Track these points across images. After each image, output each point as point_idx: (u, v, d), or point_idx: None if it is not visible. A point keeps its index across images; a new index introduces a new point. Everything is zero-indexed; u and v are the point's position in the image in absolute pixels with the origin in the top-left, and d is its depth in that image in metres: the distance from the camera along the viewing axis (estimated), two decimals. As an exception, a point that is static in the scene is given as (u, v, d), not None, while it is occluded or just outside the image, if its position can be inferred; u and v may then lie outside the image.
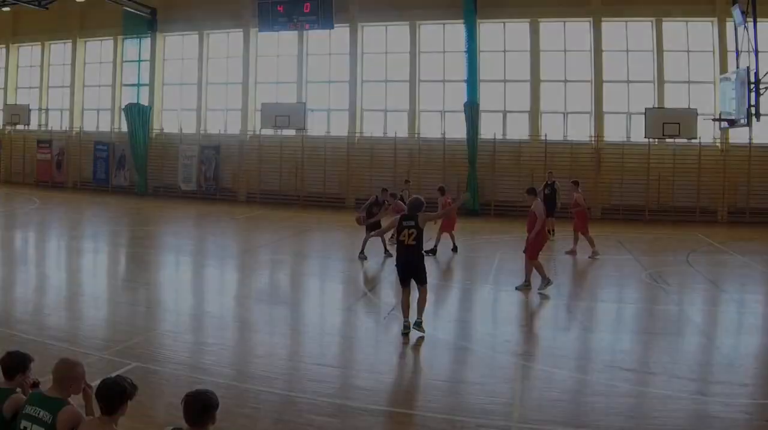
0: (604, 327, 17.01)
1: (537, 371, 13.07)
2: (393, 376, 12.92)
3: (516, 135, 42.13)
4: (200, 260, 25.68)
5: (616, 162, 39.78)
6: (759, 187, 38.58)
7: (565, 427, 10.36)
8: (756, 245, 30.73)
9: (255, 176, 46.14)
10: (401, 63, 44.13)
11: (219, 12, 46.52)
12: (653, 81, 40.62)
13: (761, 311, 18.85)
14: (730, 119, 31.63)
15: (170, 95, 50.12)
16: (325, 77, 46.01)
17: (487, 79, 42.52)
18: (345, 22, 44.13)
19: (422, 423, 10.35)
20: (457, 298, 20.44)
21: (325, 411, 10.71)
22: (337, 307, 18.10)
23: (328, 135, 45.33)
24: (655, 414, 10.86)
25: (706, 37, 40.38)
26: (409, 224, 15.13)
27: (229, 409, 10.02)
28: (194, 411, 6.42)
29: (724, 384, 12.19)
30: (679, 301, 19.54)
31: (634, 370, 13.05)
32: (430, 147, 42.72)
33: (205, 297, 19.67)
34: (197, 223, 36.83)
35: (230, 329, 15.83)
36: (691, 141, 38.74)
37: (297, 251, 27.97)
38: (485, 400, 11.33)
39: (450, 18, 42.54)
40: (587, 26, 41.40)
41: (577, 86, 41.78)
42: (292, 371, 12.78)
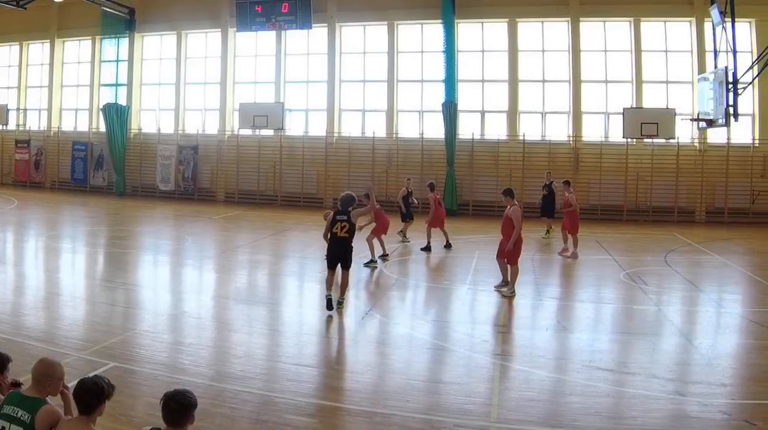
0: (582, 327, 16.98)
1: (515, 371, 13.06)
2: (371, 376, 12.86)
3: (494, 135, 42.25)
4: (178, 260, 25.65)
5: (594, 162, 39.93)
6: (737, 187, 38.84)
7: (543, 427, 10.37)
8: (734, 245, 30.95)
9: (233, 176, 46.18)
10: (379, 63, 44.25)
11: (197, 12, 46.53)
12: (631, 81, 40.80)
13: (739, 310, 18.82)
14: (708, 119, 31.72)
15: (148, 95, 50.01)
16: (303, 77, 46.03)
17: (465, 79, 42.63)
18: (323, 22, 44.21)
19: (400, 423, 10.33)
20: (435, 298, 20.41)
21: (303, 411, 10.73)
22: (315, 307, 18.00)
23: (306, 135, 45.39)
24: (633, 414, 10.89)
25: (684, 37, 40.59)
26: (341, 218, 16.95)
27: (207, 409, 10.07)
28: (173, 411, 6.43)
29: (702, 384, 12.23)
30: (658, 301, 19.53)
31: (612, 370, 13.05)
32: (408, 147, 42.86)
33: (183, 297, 19.56)
34: (175, 223, 36.74)
35: (208, 329, 15.80)
36: (669, 141, 38.95)
37: (275, 251, 27.99)
38: (463, 400, 11.34)
39: (428, 18, 42.60)
40: (565, 26, 41.59)
41: (556, 86, 41.99)
42: (271, 371, 12.75)
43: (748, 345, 15.26)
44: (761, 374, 13.01)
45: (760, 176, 38.97)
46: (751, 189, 38.83)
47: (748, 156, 39.10)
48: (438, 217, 27.93)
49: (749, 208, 38.92)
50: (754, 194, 38.75)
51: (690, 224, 37.64)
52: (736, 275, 24.39)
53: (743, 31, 37.29)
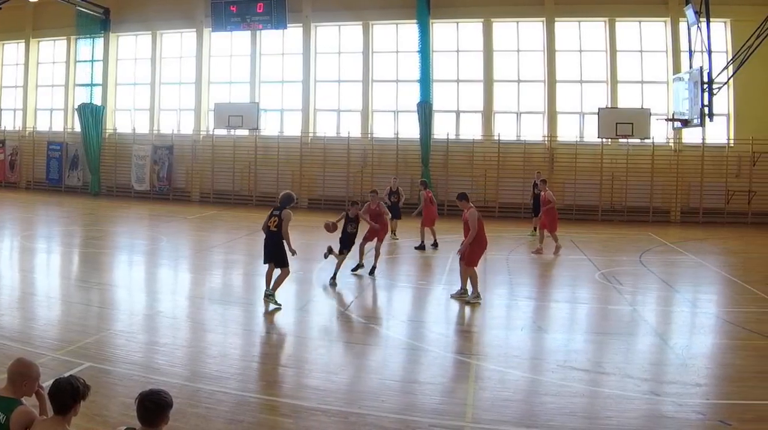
0: (557, 327, 16.99)
1: (490, 371, 13.04)
2: (346, 376, 12.87)
3: (469, 135, 42.36)
4: (153, 260, 25.58)
5: (569, 162, 40.09)
6: (712, 187, 39.11)
7: (518, 427, 10.37)
8: (708, 245, 31.12)
9: (208, 176, 46.19)
10: (354, 63, 44.28)
11: (172, 12, 46.41)
12: (606, 81, 40.98)
13: (714, 310, 18.88)
14: (683, 119, 31.83)
15: (123, 95, 49.88)
16: (278, 77, 46.02)
17: (440, 79, 42.73)
18: (298, 22, 44.16)
19: (375, 423, 10.32)
20: (410, 298, 20.48)
21: (278, 411, 10.76)
22: (290, 307, 17.99)
23: (281, 135, 45.32)
24: (608, 414, 10.92)
25: (659, 38, 40.84)
26: (276, 213, 17.86)
27: (182, 409, 10.05)
28: (147, 411, 6.38)
29: (677, 384, 12.25)
30: (632, 301, 19.61)
31: (587, 370, 13.08)
32: (383, 147, 42.92)
33: (158, 297, 19.49)
34: (150, 223, 36.65)
35: (183, 329, 15.79)
36: (644, 141, 39.14)
37: (250, 251, 27.77)
38: (438, 400, 11.36)
39: (403, 18, 42.68)
40: (540, 26, 41.66)
41: (531, 86, 42.12)
42: (246, 371, 12.74)
43: (723, 345, 15.32)
44: (736, 374, 13.05)
45: (734, 176, 39.12)
46: (726, 189, 38.99)
47: (723, 156, 39.32)
48: (429, 215, 28.02)
49: (724, 208, 39.08)
50: (729, 194, 38.88)
51: (665, 224, 37.83)
52: (710, 275, 24.49)
53: (718, 31, 37.43)
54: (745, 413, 10.94)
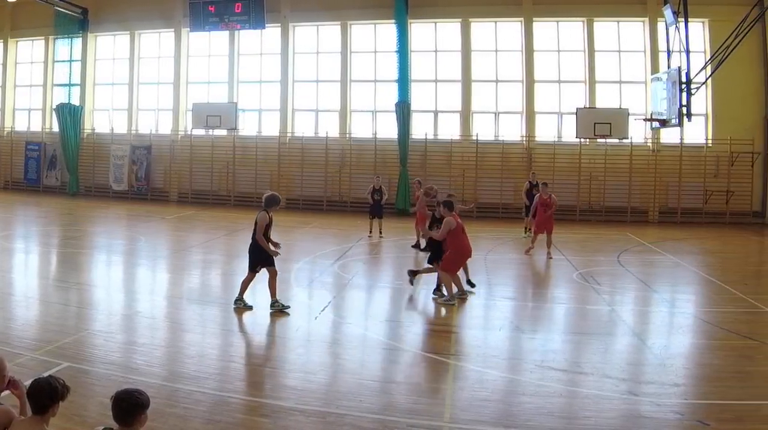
0: (535, 327, 16.99)
1: (468, 371, 13.04)
2: (324, 376, 12.85)
3: (447, 135, 42.39)
4: (132, 260, 25.47)
5: (547, 162, 40.03)
6: (690, 187, 39.29)
7: (496, 427, 10.37)
8: (686, 245, 31.23)
9: (186, 176, 46.12)
10: (332, 63, 44.29)
11: (150, 12, 46.35)
12: (584, 81, 41.12)
13: (692, 310, 18.93)
14: (661, 119, 31.87)
15: (102, 95, 49.79)
16: (256, 77, 45.99)
17: (418, 79, 42.74)
18: (276, 22, 44.15)
19: (353, 423, 10.32)
20: (388, 298, 20.46)
21: (256, 411, 10.72)
22: (268, 307, 17.81)
23: (260, 135, 45.32)
24: (586, 414, 10.93)
25: (637, 37, 40.97)
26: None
27: (160, 409, 10.06)
28: (122, 410, 6.37)
29: (655, 384, 12.25)
30: (611, 301, 19.59)
31: (566, 370, 13.09)
32: (362, 147, 42.94)
33: (137, 297, 19.39)
34: (128, 223, 36.54)
35: (162, 329, 15.73)
36: (622, 141, 39.26)
37: (228, 251, 27.94)
38: (416, 400, 11.36)
39: (381, 18, 42.69)
40: (518, 26, 41.76)
41: (509, 86, 42.19)
42: (224, 371, 12.72)
43: (701, 345, 15.35)
44: (714, 374, 13.08)
45: (713, 176, 39.33)
46: (704, 189, 39.21)
47: (701, 156, 39.50)
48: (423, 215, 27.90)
49: (702, 208, 39.27)
50: (707, 194, 39.08)
51: (643, 224, 37.99)
52: (688, 274, 24.58)
53: (696, 31, 37.74)
54: (723, 413, 10.95)
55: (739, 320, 17.37)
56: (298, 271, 21.66)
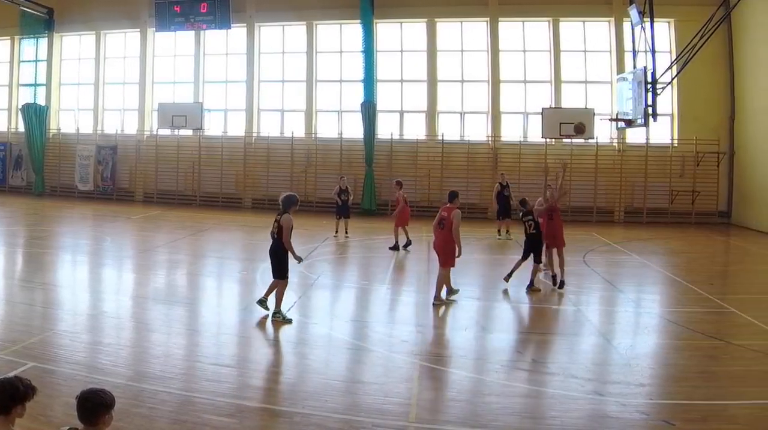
0: (501, 327, 17.15)
1: (434, 370, 13.10)
2: (290, 376, 12.92)
3: (413, 135, 42.40)
4: (97, 260, 25.42)
5: (513, 162, 40.13)
6: (655, 188, 39.49)
7: (462, 427, 10.42)
8: (652, 245, 31.35)
9: (152, 176, 45.97)
10: (298, 63, 44.28)
11: (116, 12, 46.22)
12: (550, 81, 41.20)
13: (657, 310, 19.04)
14: (627, 119, 31.93)
15: (67, 95, 49.61)
16: (222, 77, 45.95)
17: (384, 79, 42.77)
18: (242, 22, 44.15)
19: (319, 423, 10.34)
20: (353, 298, 20.47)
21: (222, 411, 10.70)
22: (233, 307, 18.10)
23: (225, 135, 45.28)
24: (552, 414, 11.01)
25: (602, 38, 41.11)
26: (277, 218, 16.81)
27: (126, 409, 10.07)
28: (87, 410, 6.35)
29: (621, 384, 12.33)
30: (576, 301, 19.69)
31: (531, 370, 13.20)
32: (327, 147, 42.95)
33: (102, 297, 19.36)
34: (94, 223, 36.48)
35: (127, 329, 15.68)
36: (588, 141, 39.25)
37: (194, 251, 27.93)
38: (382, 400, 11.40)
39: (347, 18, 42.67)
40: (484, 26, 41.85)
41: (474, 86, 42.27)
42: (190, 371, 12.72)
43: (667, 345, 15.47)
44: (679, 373, 13.17)
45: (678, 176, 39.54)
46: (670, 189, 39.41)
47: (667, 156, 39.68)
48: (403, 216, 27.91)
49: (668, 209, 39.49)
50: (673, 194, 39.28)
51: (609, 224, 38.13)
52: (654, 274, 24.74)
53: (662, 31, 37.92)
54: (688, 412, 11.04)
55: (704, 320, 17.50)
56: (264, 271, 21.54)
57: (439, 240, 18.89)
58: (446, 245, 18.65)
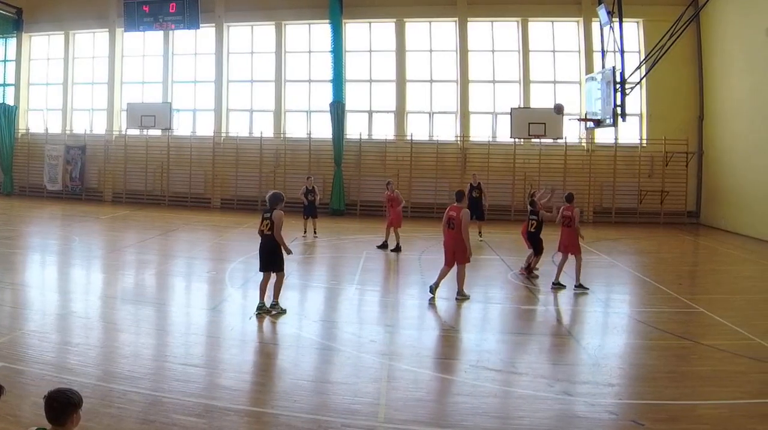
0: (470, 327, 17.10)
1: (403, 371, 13.06)
2: (259, 376, 12.92)
3: (382, 135, 42.53)
4: (66, 260, 25.30)
5: (481, 162, 40.33)
6: (624, 187, 39.83)
7: (431, 427, 10.42)
8: (621, 245, 31.40)
9: (121, 176, 45.96)
10: (267, 63, 44.35)
11: (85, 12, 46.12)
12: (519, 81, 41.36)
13: (626, 310, 19.09)
14: (595, 119, 31.91)
15: (36, 95, 49.52)
16: (190, 77, 45.96)
17: (352, 79, 42.85)
18: (210, 22, 44.19)
19: (288, 423, 10.33)
20: (322, 298, 20.39)
21: (191, 411, 10.65)
22: (202, 307, 18.07)
23: (194, 135, 45.34)
24: (521, 414, 10.99)
25: (571, 38, 41.39)
26: (266, 215, 17.11)
27: (94, 409, 10.04)
28: (55, 409, 6.34)
29: (589, 384, 12.35)
30: (545, 301, 19.76)
31: (500, 370, 13.15)
32: (296, 147, 43.05)
33: (71, 297, 19.21)
34: (63, 223, 36.25)
35: (96, 329, 15.59)
36: (556, 141, 39.59)
37: (163, 251, 27.85)
38: (351, 400, 11.37)
39: (316, 18, 42.80)
40: (453, 26, 41.98)
41: (443, 86, 42.39)
42: (158, 371, 12.64)
43: (636, 345, 15.51)
44: (648, 373, 13.19)
45: (647, 176, 39.84)
46: (639, 189, 39.70)
47: (636, 156, 39.99)
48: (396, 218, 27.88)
49: (637, 209, 39.78)
50: (642, 194, 39.54)
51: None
52: (623, 274, 24.80)
53: (631, 31, 38.20)
54: (657, 412, 11.05)
55: (673, 320, 17.56)
56: (233, 271, 21.56)
57: (450, 239, 19.15)
58: (457, 244, 18.96)
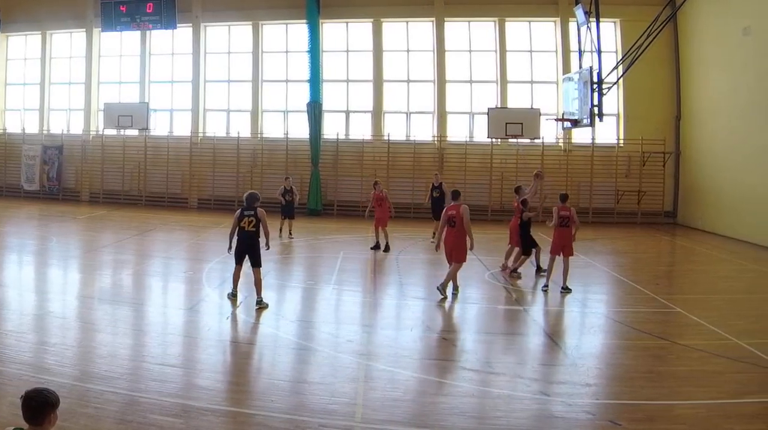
0: (447, 327, 17.20)
1: (380, 371, 13.09)
2: (236, 376, 12.92)
3: (359, 135, 42.61)
4: (43, 260, 25.20)
5: (458, 162, 40.46)
6: (601, 187, 39.91)
7: (408, 427, 10.44)
8: (598, 245, 31.35)
9: (98, 176, 45.81)
10: (244, 63, 44.33)
11: (62, 12, 45.95)
12: (496, 81, 41.45)
13: (603, 310, 19.18)
14: (573, 119, 31.94)
15: (13, 95, 49.35)
16: (167, 77, 45.88)
17: (330, 79, 42.83)
18: (188, 22, 44.06)
19: (265, 423, 10.34)
20: (299, 298, 20.43)
21: (168, 411, 10.64)
22: (179, 307, 18.09)
23: (171, 135, 45.22)
24: (498, 414, 11.00)
25: (548, 38, 41.47)
26: (248, 213, 17.91)
27: (71, 409, 10.04)
28: (32, 409, 6.32)
29: (567, 384, 12.39)
30: (522, 301, 19.87)
31: (477, 370, 13.19)
32: (273, 147, 42.97)
33: (48, 297, 19.12)
34: (40, 223, 36.14)
35: (73, 329, 15.57)
36: (534, 141, 39.61)
37: (140, 251, 27.81)
38: (328, 400, 11.37)
39: (293, 18, 42.72)
40: (430, 26, 42.01)
41: (420, 86, 42.45)
42: (135, 371, 12.62)
43: (613, 345, 15.56)
44: (625, 373, 13.24)
45: (624, 176, 39.97)
46: (616, 189, 39.82)
47: (613, 156, 40.12)
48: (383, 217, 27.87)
49: (614, 209, 39.88)
50: (619, 194, 39.69)
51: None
52: (600, 274, 24.89)
53: (608, 31, 38.35)
54: (634, 412, 11.09)
55: (650, 320, 17.63)
56: (210, 271, 21.54)
57: (451, 237, 19.46)
58: (458, 242, 19.32)
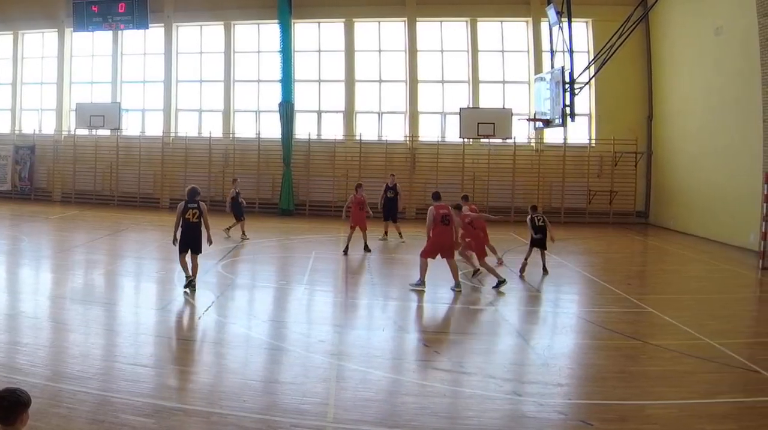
0: (419, 327, 17.25)
1: (351, 371, 13.06)
2: (208, 376, 12.87)
3: (331, 135, 42.65)
4: (14, 260, 24.91)
5: (430, 162, 40.62)
6: (573, 187, 40.06)
7: (379, 427, 10.41)
8: (570, 245, 31.34)
9: (70, 176, 45.61)
10: (216, 63, 44.32)
11: (34, 12, 45.73)
12: (468, 81, 41.49)
13: (575, 310, 19.26)
14: (544, 119, 31.91)
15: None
16: (139, 77, 45.75)
17: (301, 79, 42.83)
18: (160, 22, 43.92)
19: (237, 423, 10.29)
20: (271, 298, 20.45)
21: (140, 411, 10.58)
22: (152, 307, 18.07)
23: (143, 135, 45.06)
24: (470, 414, 11.00)
25: (520, 38, 41.59)
26: (192, 206, 19.63)
27: (43, 409, 9.95)
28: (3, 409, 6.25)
29: (538, 384, 12.37)
30: (494, 301, 19.71)
31: (449, 370, 13.20)
32: (245, 147, 43.00)
33: (20, 297, 18.98)
34: (11, 223, 35.67)
35: (45, 329, 15.48)
36: (505, 141, 39.71)
37: (112, 251, 27.84)
38: (300, 400, 11.34)
39: (265, 18, 42.74)
40: (402, 26, 42.06)
41: (392, 86, 42.56)
42: (108, 371, 12.56)
43: (585, 345, 15.63)
44: (597, 374, 13.28)
45: (596, 176, 40.13)
46: (588, 189, 39.96)
47: (585, 156, 40.30)
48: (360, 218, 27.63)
49: (586, 209, 40.01)
50: (591, 194, 39.80)
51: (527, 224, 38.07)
52: (572, 274, 24.97)
53: (580, 31, 38.43)
54: (606, 412, 11.11)
55: (622, 319, 17.69)
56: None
57: (447, 234, 20.14)
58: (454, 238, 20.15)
